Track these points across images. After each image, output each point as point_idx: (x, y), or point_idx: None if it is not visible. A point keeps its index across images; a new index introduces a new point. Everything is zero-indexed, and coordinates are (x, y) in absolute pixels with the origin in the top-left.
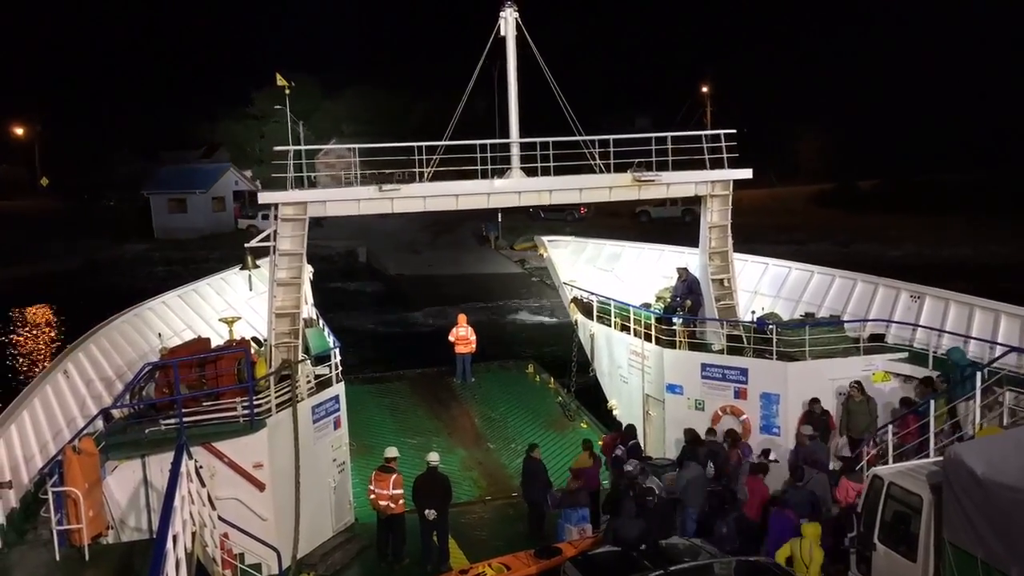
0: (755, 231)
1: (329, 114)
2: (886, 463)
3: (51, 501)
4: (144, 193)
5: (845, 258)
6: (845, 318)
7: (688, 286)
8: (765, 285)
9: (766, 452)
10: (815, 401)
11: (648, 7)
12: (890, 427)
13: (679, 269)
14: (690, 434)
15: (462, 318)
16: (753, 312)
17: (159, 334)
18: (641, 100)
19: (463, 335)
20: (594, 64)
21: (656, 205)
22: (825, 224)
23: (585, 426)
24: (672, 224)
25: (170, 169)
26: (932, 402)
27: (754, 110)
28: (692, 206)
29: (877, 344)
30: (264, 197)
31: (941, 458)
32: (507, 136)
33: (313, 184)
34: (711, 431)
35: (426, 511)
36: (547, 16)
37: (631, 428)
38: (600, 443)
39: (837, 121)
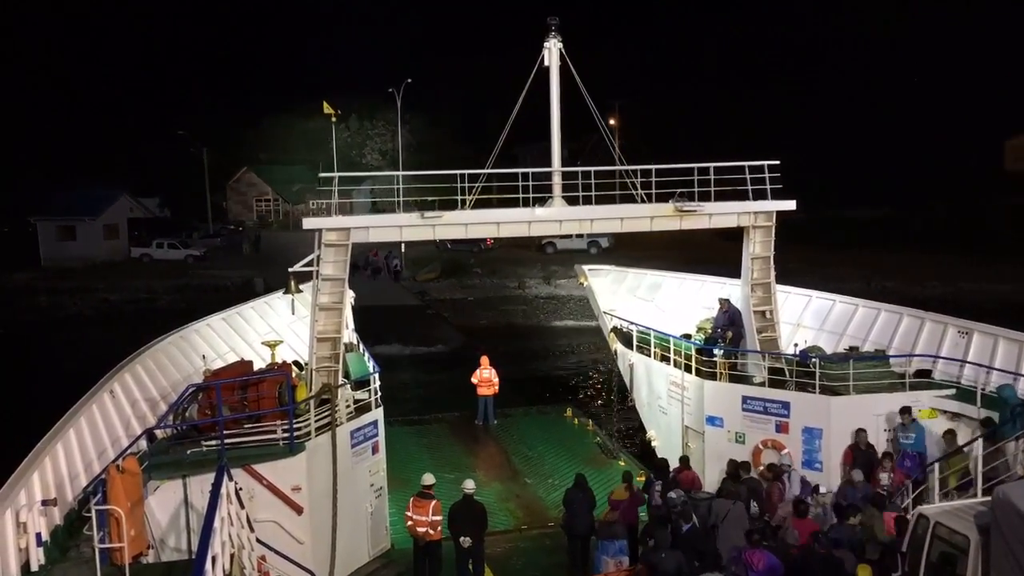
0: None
1: (243, 141)
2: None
3: (94, 519)
4: (31, 220)
5: None
6: (890, 353)
7: (730, 317)
8: (808, 317)
9: (815, 488)
10: (861, 431)
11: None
12: (936, 465)
13: (721, 300)
14: (732, 465)
15: (485, 360)
16: (796, 345)
17: (203, 356)
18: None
19: (486, 377)
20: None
21: (562, 237)
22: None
23: (623, 463)
24: (577, 255)
25: (61, 195)
26: (980, 441)
27: (664, 144)
28: (597, 238)
29: (923, 380)
30: (308, 223)
31: (989, 498)
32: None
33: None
34: (747, 464)
35: (461, 538)
36: (467, 47)
37: (663, 462)
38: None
39: (751, 155)
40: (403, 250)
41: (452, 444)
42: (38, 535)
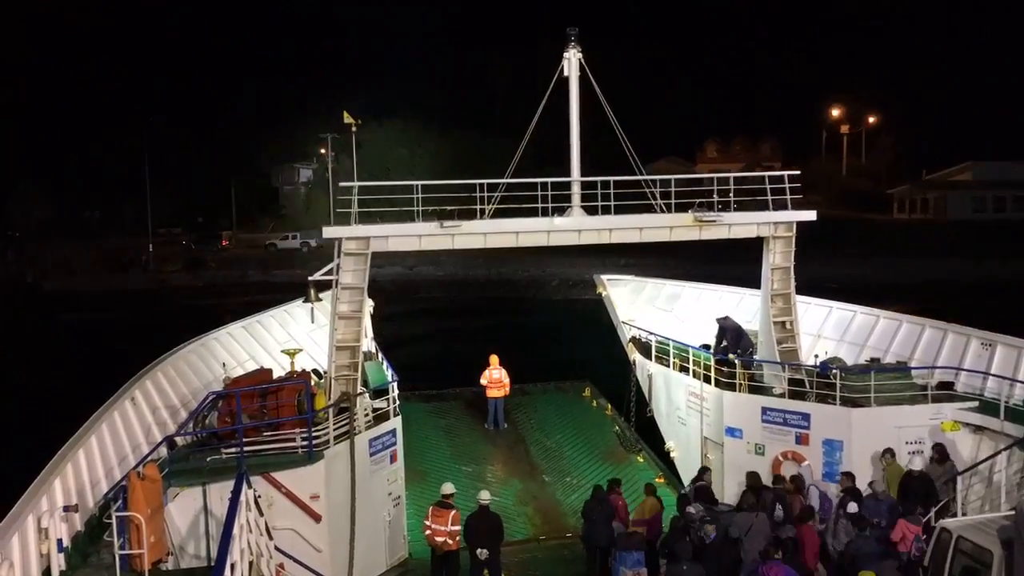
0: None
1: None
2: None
3: (114, 525)
4: None
5: None
6: (912, 364)
7: (734, 333)
8: (829, 329)
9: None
10: (848, 476)
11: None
12: (959, 479)
13: (718, 320)
14: (752, 478)
15: (494, 359)
16: (816, 356)
17: (223, 364)
18: None
19: (496, 378)
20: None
21: (281, 238)
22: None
23: (641, 459)
24: (289, 253)
25: None
26: (1004, 454)
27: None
28: (307, 240)
29: (946, 392)
30: (328, 232)
31: (1012, 512)
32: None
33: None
34: (779, 478)
35: (479, 550)
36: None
37: (704, 470)
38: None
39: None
40: (151, 248)
41: (470, 428)
42: (59, 541)
